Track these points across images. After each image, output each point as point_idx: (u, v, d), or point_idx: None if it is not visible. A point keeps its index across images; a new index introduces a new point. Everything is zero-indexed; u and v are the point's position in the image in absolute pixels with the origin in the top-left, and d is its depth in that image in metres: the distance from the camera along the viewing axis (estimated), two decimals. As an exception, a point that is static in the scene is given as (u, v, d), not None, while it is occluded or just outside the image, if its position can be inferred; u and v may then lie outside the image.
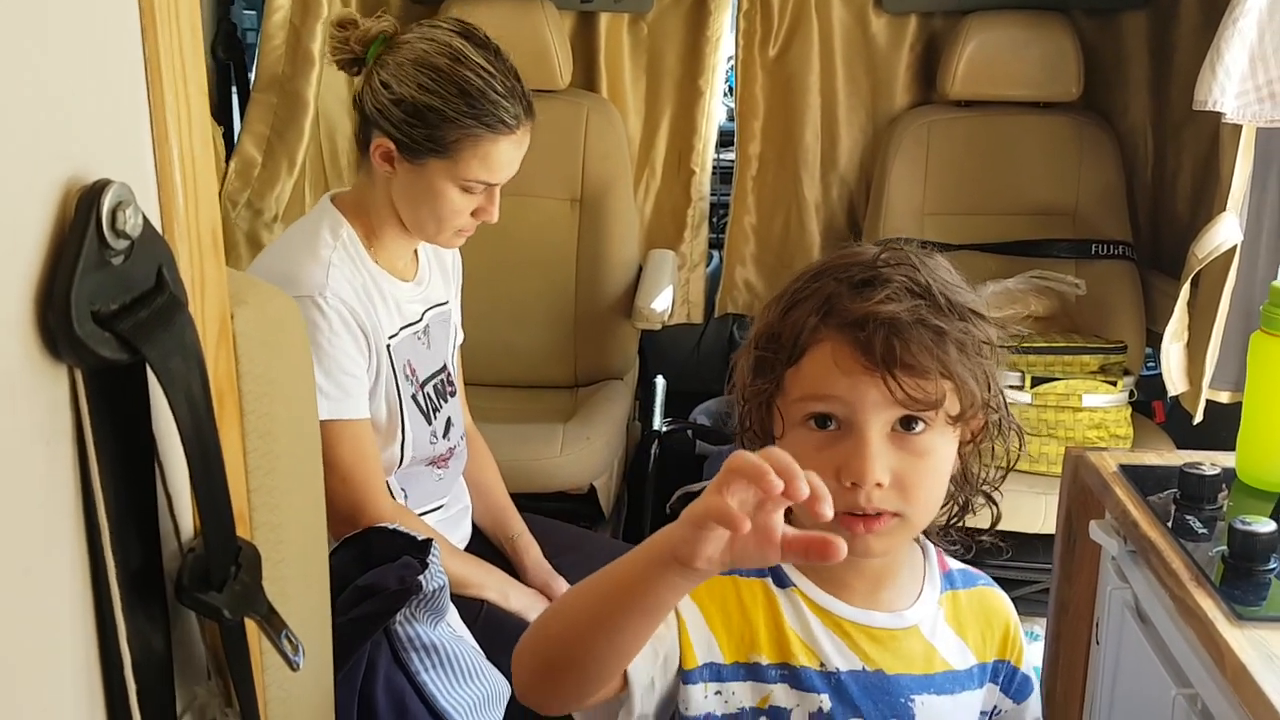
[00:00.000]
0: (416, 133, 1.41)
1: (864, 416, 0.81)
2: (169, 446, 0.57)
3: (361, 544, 1.26)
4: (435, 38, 1.43)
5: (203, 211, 0.62)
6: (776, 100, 2.67)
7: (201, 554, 0.59)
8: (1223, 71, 1.80)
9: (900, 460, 0.82)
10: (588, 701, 0.79)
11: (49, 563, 0.52)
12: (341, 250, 1.45)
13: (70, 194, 0.51)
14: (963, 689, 0.91)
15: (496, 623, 1.48)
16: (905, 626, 0.90)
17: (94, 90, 0.55)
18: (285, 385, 0.70)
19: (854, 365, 0.81)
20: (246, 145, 2.32)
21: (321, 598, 0.79)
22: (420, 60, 1.41)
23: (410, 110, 1.40)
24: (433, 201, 1.45)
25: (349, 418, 1.40)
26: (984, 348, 0.85)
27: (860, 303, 0.81)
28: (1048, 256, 2.48)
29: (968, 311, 0.84)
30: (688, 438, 2.63)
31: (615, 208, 2.53)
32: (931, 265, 0.86)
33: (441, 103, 1.40)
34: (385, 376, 1.47)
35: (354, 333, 1.42)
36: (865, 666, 0.88)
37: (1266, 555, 1.13)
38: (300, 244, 1.46)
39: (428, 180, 1.44)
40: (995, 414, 0.88)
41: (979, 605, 0.95)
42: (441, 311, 1.62)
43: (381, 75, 1.43)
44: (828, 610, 0.88)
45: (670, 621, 0.85)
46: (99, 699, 0.56)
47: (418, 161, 1.43)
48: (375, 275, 1.48)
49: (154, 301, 0.54)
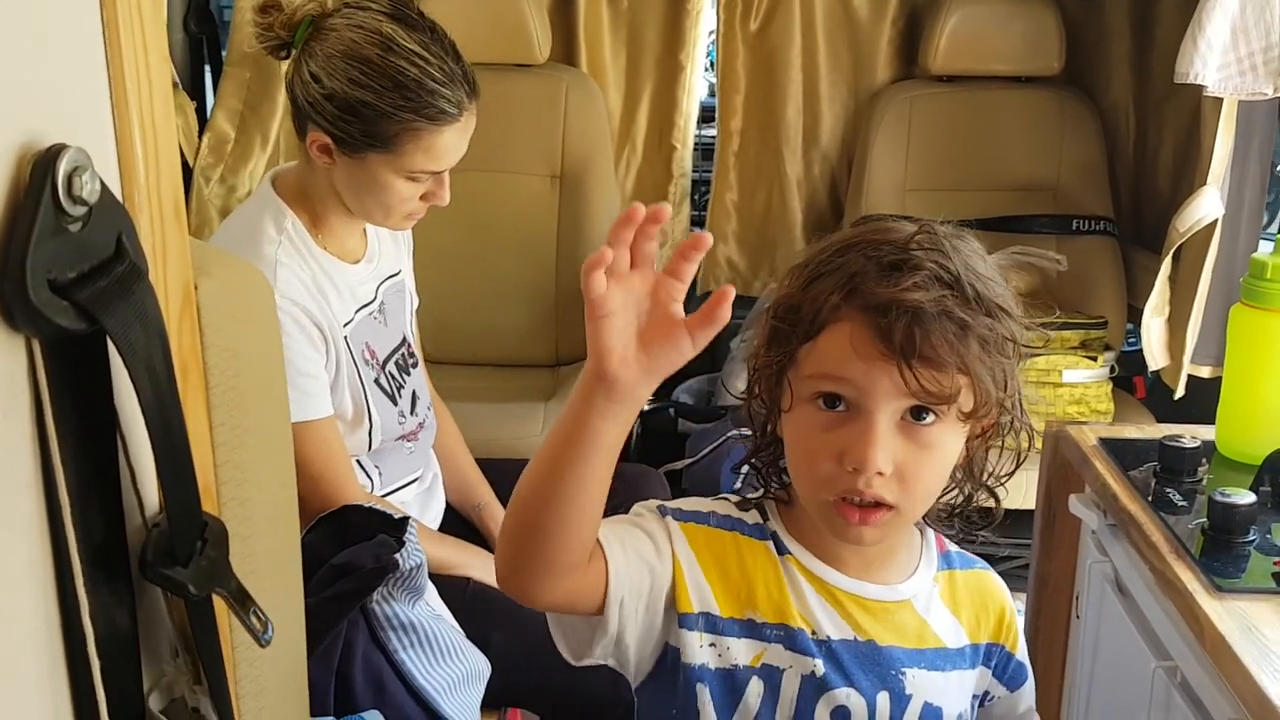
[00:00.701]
0: (353, 129, 1.34)
1: (874, 402, 0.80)
2: (131, 419, 0.56)
3: (336, 522, 1.25)
4: (364, 24, 1.34)
5: (164, 179, 0.61)
6: (758, 75, 2.65)
7: (166, 529, 0.57)
8: (1204, 44, 1.79)
9: (905, 450, 0.81)
10: (562, 583, 0.78)
11: (8, 537, 0.51)
12: (287, 244, 1.39)
13: (25, 159, 0.50)
14: (954, 667, 0.91)
15: (483, 599, 1.47)
16: (898, 600, 0.89)
17: (50, 55, 0.53)
18: (252, 358, 0.69)
19: (871, 350, 0.79)
20: (220, 120, 2.30)
21: (293, 574, 0.78)
22: (349, 52, 1.33)
23: (343, 106, 1.33)
24: (378, 192, 1.40)
25: (311, 418, 1.36)
26: (1007, 345, 0.83)
27: (886, 286, 0.79)
28: (1029, 232, 2.48)
29: (995, 307, 0.82)
30: (670, 416, 2.63)
31: (596, 184, 2.51)
32: (966, 253, 0.83)
33: (376, 97, 1.32)
34: (346, 367, 1.44)
35: (308, 332, 1.38)
36: (857, 636, 0.87)
37: (1246, 527, 1.13)
38: (243, 241, 1.39)
39: (370, 172, 1.38)
40: (1008, 414, 0.86)
41: (975, 587, 0.95)
42: (395, 283, 1.58)
43: (311, 67, 1.35)
44: (821, 579, 0.88)
45: (665, 555, 0.85)
46: (62, 676, 0.54)
47: (357, 155, 1.37)
48: (324, 263, 1.44)
49: (113, 270, 0.52)
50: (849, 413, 0.81)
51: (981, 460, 0.89)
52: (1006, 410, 0.86)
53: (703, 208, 2.84)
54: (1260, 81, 1.81)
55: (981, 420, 0.85)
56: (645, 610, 0.84)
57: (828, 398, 0.82)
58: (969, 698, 0.93)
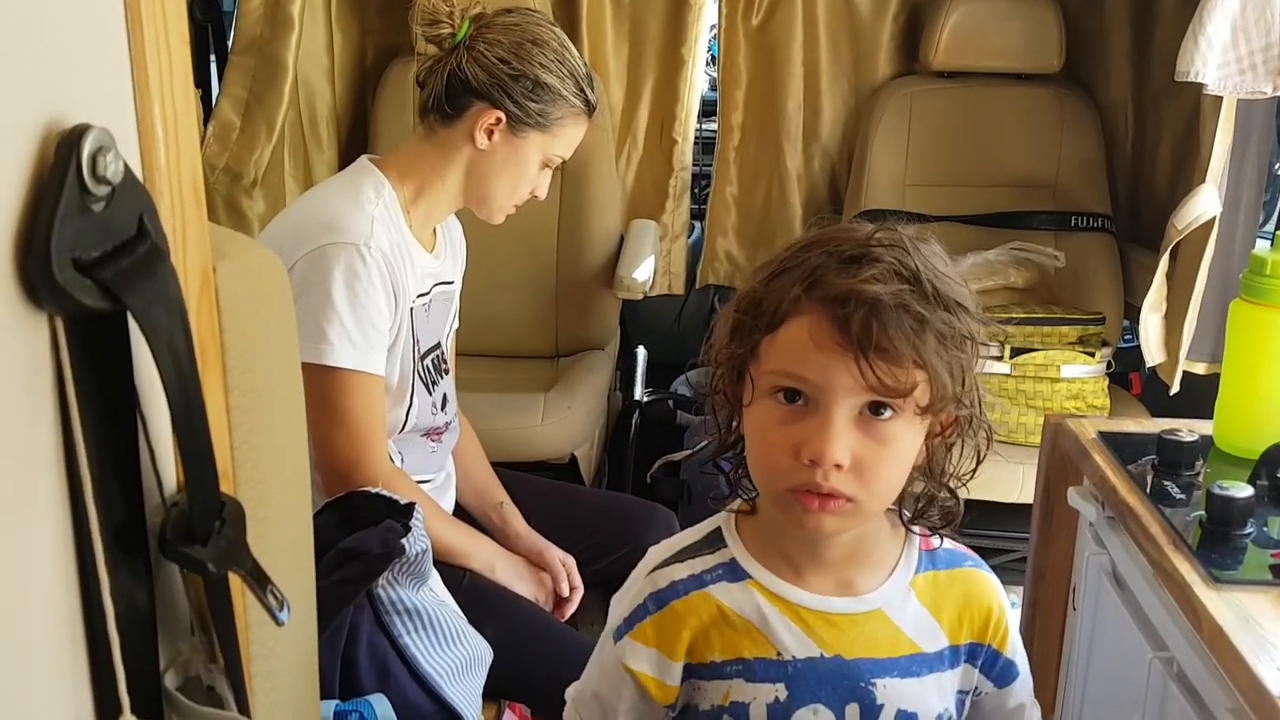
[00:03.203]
0: (532, 106, 1.48)
1: (832, 397, 0.80)
2: (151, 398, 0.56)
3: (344, 507, 1.26)
4: (535, 20, 1.51)
5: (184, 162, 0.61)
6: (759, 70, 2.66)
7: (185, 508, 0.58)
8: (1205, 42, 1.80)
9: (862, 445, 0.81)
10: None
11: (31, 514, 0.51)
12: (383, 208, 1.46)
13: (49, 138, 0.50)
14: (931, 671, 0.91)
15: (479, 591, 1.49)
16: (867, 610, 0.90)
17: (73, 35, 0.53)
18: (268, 341, 0.69)
19: (829, 342, 0.80)
20: (225, 109, 2.30)
21: (306, 555, 0.79)
22: (536, 39, 1.49)
23: (531, 85, 1.47)
24: (516, 173, 1.51)
25: (368, 371, 1.41)
26: (965, 342, 0.83)
27: (845, 279, 0.80)
28: (1027, 228, 2.49)
29: (954, 303, 0.82)
30: (669, 408, 2.64)
31: (597, 177, 2.51)
32: (926, 252, 0.84)
33: (558, 81, 1.48)
34: (405, 338, 1.48)
35: (388, 288, 1.43)
36: (823, 653, 0.88)
37: (1243, 520, 1.14)
38: (344, 194, 1.47)
39: (522, 153, 1.50)
40: (967, 409, 0.86)
41: (960, 586, 0.94)
42: (446, 290, 1.63)
43: (497, 51, 1.47)
44: (784, 598, 0.89)
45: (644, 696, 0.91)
46: (82, 653, 0.55)
47: (520, 134, 1.49)
48: (407, 239, 1.50)
49: (136, 250, 0.53)
50: (807, 407, 0.82)
51: (942, 459, 0.89)
52: (965, 406, 0.86)
53: (703, 201, 2.84)
54: (1260, 80, 1.81)
55: (939, 415, 0.85)
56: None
57: (787, 392, 0.82)
58: (952, 696, 0.93)
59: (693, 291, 2.88)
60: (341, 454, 1.38)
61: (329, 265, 1.37)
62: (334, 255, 1.37)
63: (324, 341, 1.34)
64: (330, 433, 1.37)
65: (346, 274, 1.37)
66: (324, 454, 1.37)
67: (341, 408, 1.38)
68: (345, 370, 1.37)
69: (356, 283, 1.38)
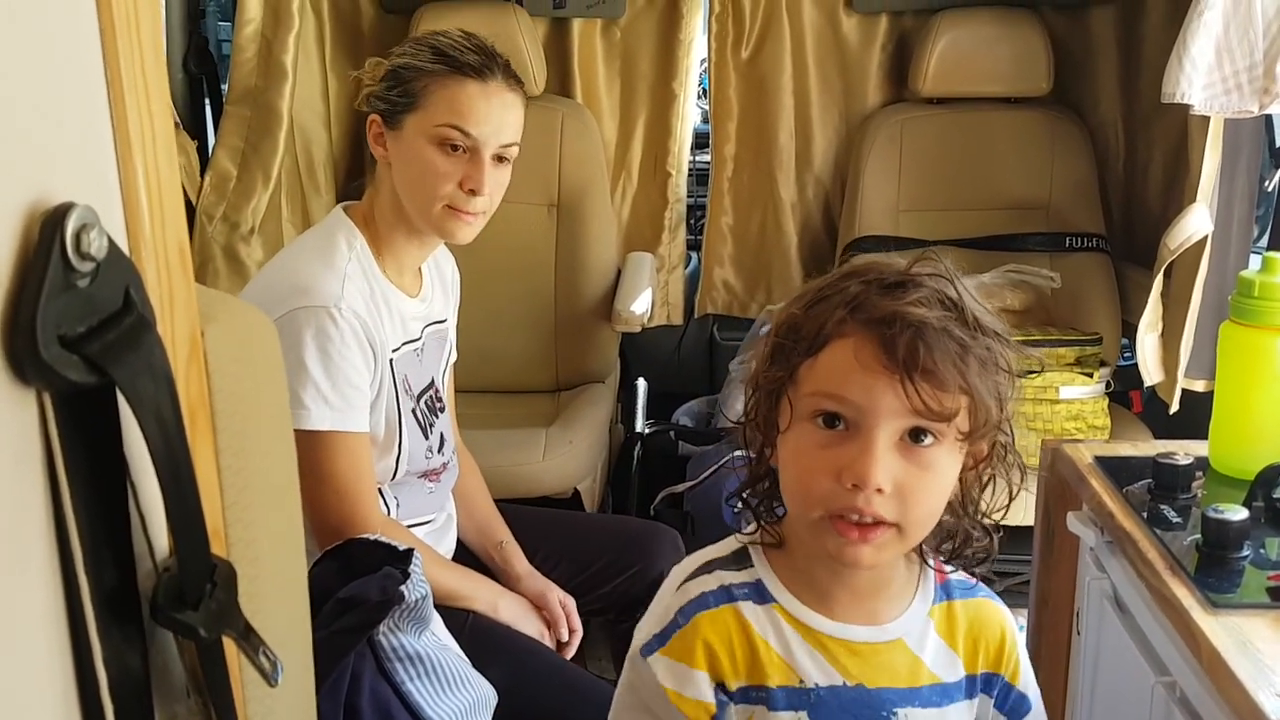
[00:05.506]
0: (393, 93, 1.47)
1: (874, 420, 0.80)
2: (141, 466, 0.57)
3: (343, 556, 1.26)
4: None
5: (169, 229, 0.62)
6: (750, 101, 2.68)
7: (176, 573, 0.59)
8: (1189, 64, 1.81)
9: (904, 470, 0.81)
10: None
11: (21, 584, 0.52)
12: (355, 261, 1.47)
13: (34, 218, 0.51)
14: (950, 701, 0.91)
15: (483, 632, 1.49)
16: (888, 640, 0.90)
17: (55, 112, 0.54)
18: (257, 401, 0.70)
19: (874, 364, 0.80)
20: (221, 158, 2.32)
21: (300, 612, 0.79)
22: (404, 40, 1.54)
23: (388, 76, 1.49)
24: (415, 165, 1.47)
25: (349, 430, 1.41)
26: (1003, 372, 0.84)
27: (890, 301, 0.81)
28: (1022, 250, 2.50)
29: (993, 332, 0.83)
30: (670, 439, 2.64)
31: (592, 212, 2.53)
32: (965, 283, 0.85)
33: (412, 58, 1.48)
34: (386, 389, 1.48)
35: (363, 346, 1.43)
36: (845, 681, 0.88)
37: (1239, 542, 1.14)
38: (315, 253, 1.47)
39: (408, 144, 1.47)
40: (1004, 437, 0.87)
41: (975, 616, 0.94)
42: (439, 330, 1.63)
43: (367, 75, 1.53)
44: (808, 625, 0.88)
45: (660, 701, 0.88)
46: (76, 719, 0.56)
47: (398, 125, 1.48)
48: (384, 288, 1.51)
49: (121, 323, 0.54)
50: (848, 432, 0.81)
51: (976, 493, 0.89)
52: (1004, 433, 0.86)
53: (698, 232, 2.86)
54: (1245, 100, 1.83)
55: (979, 442, 0.85)
56: None
57: (827, 416, 0.82)
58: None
59: (691, 322, 2.89)
60: (332, 512, 1.38)
61: (299, 330, 1.37)
62: (304, 319, 1.38)
63: (300, 407, 1.35)
64: (318, 492, 1.37)
65: (318, 337, 1.37)
66: (315, 513, 1.37)
67: (327, 470, 1.38)
68: (324, 432, 1.38)
69: (329, 345, 1.38)
